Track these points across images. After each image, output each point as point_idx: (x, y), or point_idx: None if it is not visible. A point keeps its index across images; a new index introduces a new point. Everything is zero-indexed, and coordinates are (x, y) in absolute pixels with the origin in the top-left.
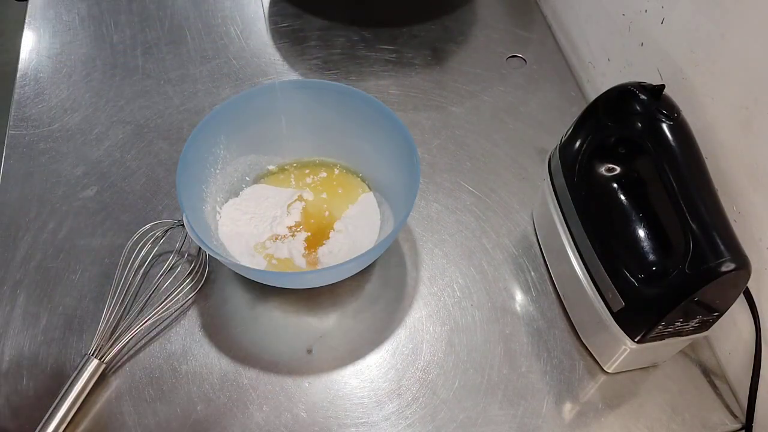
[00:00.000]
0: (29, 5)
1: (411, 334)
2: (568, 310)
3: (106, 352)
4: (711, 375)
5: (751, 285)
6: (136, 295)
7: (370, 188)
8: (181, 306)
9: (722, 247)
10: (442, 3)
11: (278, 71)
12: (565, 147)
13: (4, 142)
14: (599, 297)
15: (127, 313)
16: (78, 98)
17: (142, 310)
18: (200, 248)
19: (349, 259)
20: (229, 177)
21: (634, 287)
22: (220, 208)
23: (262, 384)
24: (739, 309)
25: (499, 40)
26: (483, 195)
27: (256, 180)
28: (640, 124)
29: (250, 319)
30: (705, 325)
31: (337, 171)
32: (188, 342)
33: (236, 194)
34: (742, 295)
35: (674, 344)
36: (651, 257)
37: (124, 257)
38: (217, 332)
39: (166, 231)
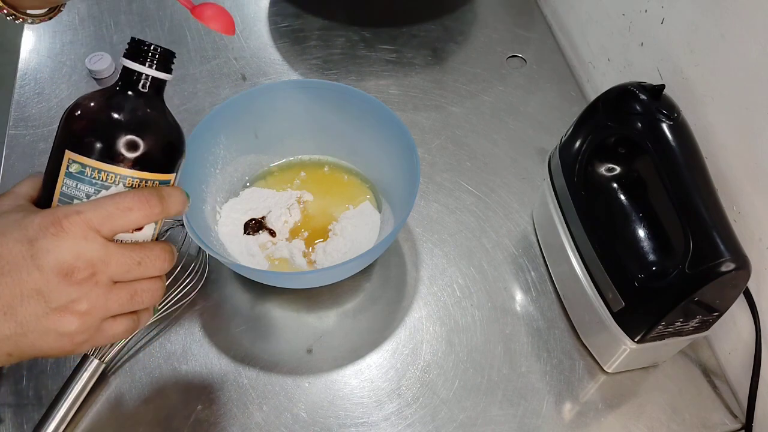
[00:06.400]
0: None
1: (411, 334)
2: (568, 310)
3: (106, 352)
4: (711, 375)
5: (751, 285)
6: None
7: (370, 189)
8: (181, 306)
9: (722, 247)
10: (442, 3)
11: (278, 71)
12: (565, 147)
13: (4, 142)
14: (599, 297)
15: None
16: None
17: None
18: (200, 248)
19: (349, 259)
20: (229, 177)
21: (634, 287)
22: (220, 208)
23: (262, 384)
24: (739, 309)
25: (499, 40)
26: (483, 195)
27: (257, 180)
28: (640, 124)
29: (250, 319)
30: (705, 325)
31: (337, 171)
32: (188, 342)
33: (236, 194)
34: (742, 295)
35: (674, 344)
36: (651, 257)
37: None
38: (217, 332)
39: (166, 231)
